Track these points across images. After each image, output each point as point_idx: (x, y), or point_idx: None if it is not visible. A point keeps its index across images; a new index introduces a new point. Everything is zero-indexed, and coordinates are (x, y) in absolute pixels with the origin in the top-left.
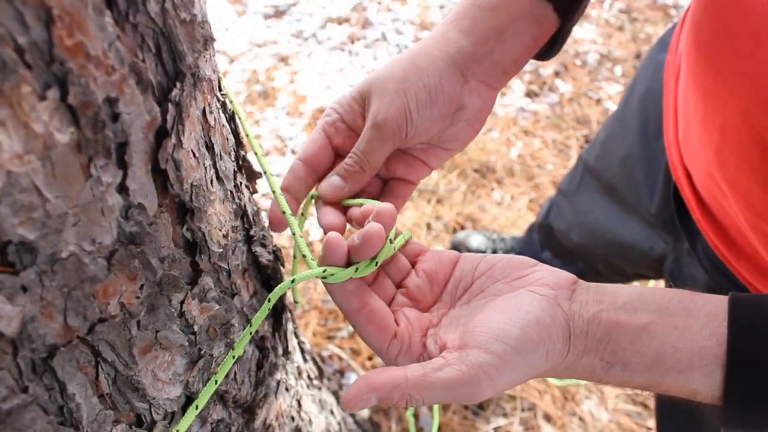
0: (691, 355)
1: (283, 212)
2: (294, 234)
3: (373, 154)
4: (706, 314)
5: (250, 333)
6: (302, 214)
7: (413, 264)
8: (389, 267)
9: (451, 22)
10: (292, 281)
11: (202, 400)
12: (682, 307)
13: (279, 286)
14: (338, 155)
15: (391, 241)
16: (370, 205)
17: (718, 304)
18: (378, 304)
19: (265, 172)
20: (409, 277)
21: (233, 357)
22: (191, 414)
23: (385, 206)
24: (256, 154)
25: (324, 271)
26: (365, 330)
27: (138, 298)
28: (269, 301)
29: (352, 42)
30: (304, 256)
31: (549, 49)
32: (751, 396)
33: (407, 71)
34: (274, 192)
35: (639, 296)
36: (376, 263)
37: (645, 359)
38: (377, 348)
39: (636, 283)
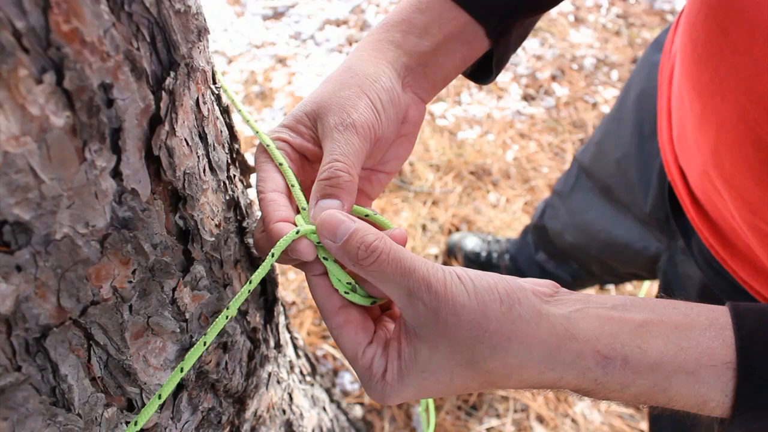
0: (698, 354)
1: (280, 163)
2: (292, 186)
3: (357, 155)
4: (707, 317)
5: (249, 291)
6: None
7: None
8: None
9: (382, 32)
10: (297, 232)
11: (188, 363)
12: (679, 312)
13: (283, 238)
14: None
15: None
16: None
17: (717, 310)
18: (359, 308)
19: (257, 132)
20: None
21: (226, 317)
22: (176, 376)
23: (397, 231)
24: (248, 122)
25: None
26: (342, 331)
27: (130, 282)
28: (272, 255)
29: (350, 44)
30: (303, 209)
31: (488, 74)
32: (764, 402)
33: (359, 78)
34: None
35: (630, 299)
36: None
37: (647, 357)
38: (352, 352)
39: (629, 287)
